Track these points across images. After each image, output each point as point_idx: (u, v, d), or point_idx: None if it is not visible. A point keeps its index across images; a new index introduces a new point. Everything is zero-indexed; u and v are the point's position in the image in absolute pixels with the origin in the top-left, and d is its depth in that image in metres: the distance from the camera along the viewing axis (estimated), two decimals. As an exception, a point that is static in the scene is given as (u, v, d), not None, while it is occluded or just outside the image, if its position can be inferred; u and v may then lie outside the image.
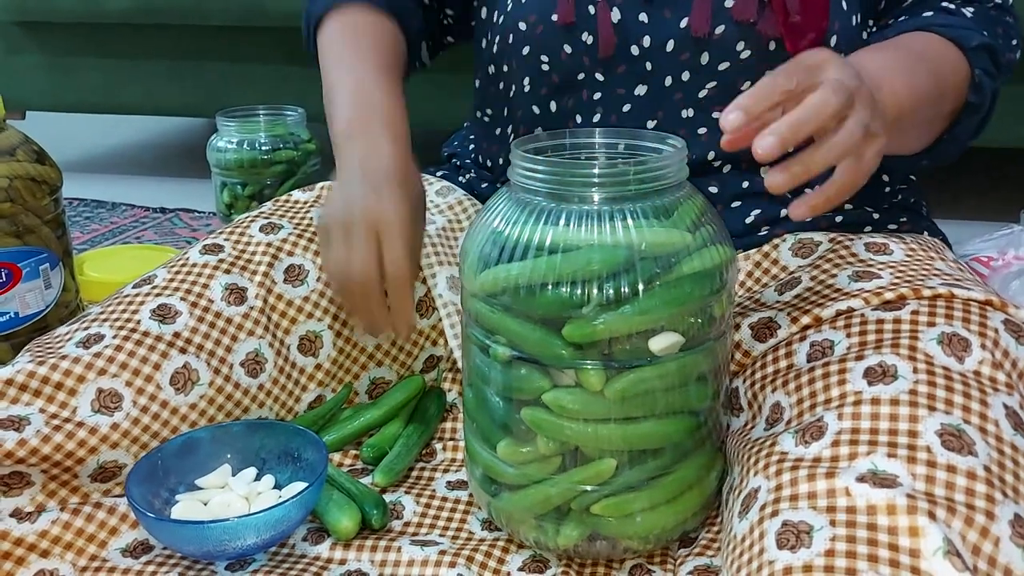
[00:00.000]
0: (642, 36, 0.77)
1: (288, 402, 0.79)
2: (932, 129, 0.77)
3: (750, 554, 0.54)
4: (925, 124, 0.75)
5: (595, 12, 0.77)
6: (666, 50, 0.76)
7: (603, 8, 0.77)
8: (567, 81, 0.81)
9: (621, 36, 0.77)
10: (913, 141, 0.76)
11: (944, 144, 0.77)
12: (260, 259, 0.80)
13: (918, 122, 0.73)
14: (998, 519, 0.52)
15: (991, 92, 0.76)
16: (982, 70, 0.74)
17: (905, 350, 0.61)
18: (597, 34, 0.77)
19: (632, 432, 0.61)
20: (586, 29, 0.78)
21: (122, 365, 0.70)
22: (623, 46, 0.77)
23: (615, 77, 0.79)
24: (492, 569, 0.66)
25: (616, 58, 0.78)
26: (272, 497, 0.69)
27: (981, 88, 0.74)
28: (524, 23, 0.82)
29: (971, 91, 0.74)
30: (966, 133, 0.77)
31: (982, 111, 0.76)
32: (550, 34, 0.80)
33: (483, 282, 0.61)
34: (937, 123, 0.76)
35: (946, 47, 0.74)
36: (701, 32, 0.75)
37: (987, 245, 1.13)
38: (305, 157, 1.43)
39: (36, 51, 1.86)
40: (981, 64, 0.74)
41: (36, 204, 0.96)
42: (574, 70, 0.80)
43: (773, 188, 0.56)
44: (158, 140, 2.34)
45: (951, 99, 0.74)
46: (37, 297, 0.97)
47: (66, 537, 0.65)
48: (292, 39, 1.71)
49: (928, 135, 0.77)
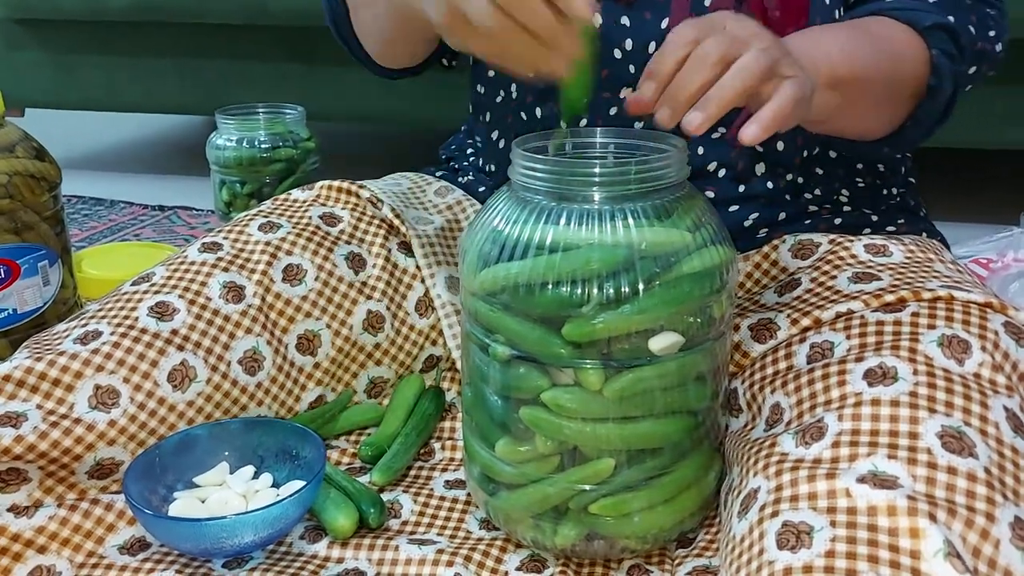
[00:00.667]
0: (623, 39, 0.77)
1: (288, 401, 0.78)
2: (892, 111, 0.75)
3: (749, 554, 0.54)
4: (879, 102, 0.72)
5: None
6: (648, 52, 0.76)
7: None
8: (551, 87, 0.81)
9: (603, 40, 0.77)
10: (869, 121, 0.74)
11: (908, 129, 0.76)
12: (259, 258, 0.80)
13: (868, 98, 0.70)
14: (998, 521, 0.52)
15: (952, 75, 0.73)
16: (940, 50, 0.72)
17: (905, 352, 0.61)
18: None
19: (630, 432, 0.61)
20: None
21: (120, 362, 0.70)
22: (605, 50, 0.77)
23: (600, 82, 0.79)
24: (490, 568, 0.65)
25: (599, 62, 0.77)
26: (270, 495, 0.69)
27: (939, 69, 0.72)
28: None
29: (930, 73, 0.72)
30: (929, 117, 0.75)
31: (943, 94, 0.74)
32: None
33: (483, 281, 0.61)
34: (897, 105, 0.74)
35: (897, 27, 0.73)
36: None
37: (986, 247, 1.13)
38: (304, 156, 1.42)
39: (36, 48, 1.86)
40: (939, 44, 0.72)
41: (35, 201, 0.96)
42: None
43: (691, 129, 0.55)
44: (157, 138, 2.34)
45: (910, 80, 0.72)
46: (35, 294, 0.97)
47: (63, 533, 0.65)
48: (293, 37, 1.71)
49: (886, 117, 0.75)
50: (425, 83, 1.63)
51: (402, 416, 0.81)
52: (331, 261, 0.83)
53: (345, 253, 0.84)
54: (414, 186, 0.96)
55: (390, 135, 2.28)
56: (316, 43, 1.69)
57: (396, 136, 2.26)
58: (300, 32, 1.69)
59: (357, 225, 0.86)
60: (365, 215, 0.87)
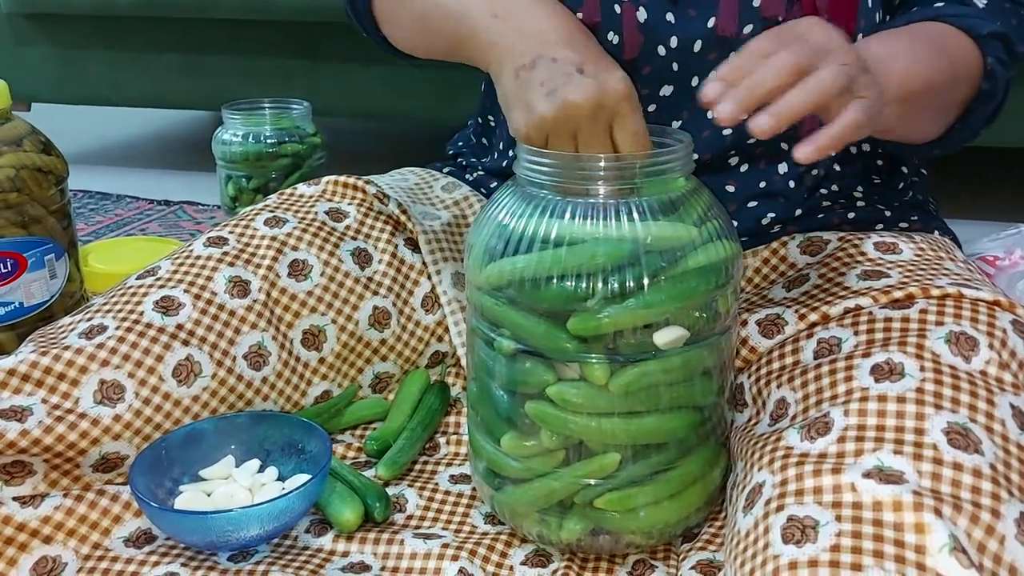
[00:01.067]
0: (669, 36, 0.75)
1: (293, 396, 0.78)
2: (945, 116, 0.75)
3: (754, 549, 0.54)
4: (937, 110, 0.74)
5: (621, 11, 0.76)
6: (693, 50, 0.75)
7: (629, 8, 0.75)
8: None
9: (647, 36, 0.76)
10: (926, 126, 0.75)
11: (956, 132, 0.76)
12: (264, 252, 0.80)
13: (929, 106, 0.71)
14: (1004, 517, 0.51)
15: (1004, 81, 0.74)
16: (995, 58, 0.73)
17: (912, 348, 0.61)
18: (623, 34, 0.76)
19: (636, 426, 0.61)
20: (611, 29, 0.77)
21: (125, 356, 0.70)
22: (649, 46, 0.76)
23: (641, 78, 0.78)
24: (495, 563, 0.66)
25: (642, 58, 0.77)
26: (275, 489, 0.69)
27: (994, 76, 0.73)
28: None
29: (984, 79, 0.73)
30: (978, 121, 0.76)
31: (995, 99, 0.75)
32: None
33: (488, 275, 0.61)
34: (950, 110, 0.75)
35: (956, 35, 0.73)
36: (728, 32, 0.74)
37: (994, 244, 1.12)
38: (311, 151, 1.42)
39: (44, 43, 1.86)
40: (994, 52, 0.73)
41: (42, 194, 0.96)
42: None
43: (757, 132, 0.54)
44: (163, 133, 2.34)
45: (964, 86, 0.73)
46: (42, 287, 0.97)
47: (69, 524, 0.65)
48: (299, 33, 1.71)
49: (941, 121, 0.76)
50: (429, 80, 1.64)
51: (407, 411, 0.81)
52: (337, 256, 0.83)
53: (351, 249, 0.84)
54: (421, 181, 0.96)
55: (396, 131, 2.28)
56: (322, 39, 1.68)
57: (402, 132, 2.26)
58: (306, 28, 1.69)
59: (363, 221, 0.86)
60: (372, 211, 0.87)
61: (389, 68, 1.64)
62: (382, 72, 1.65)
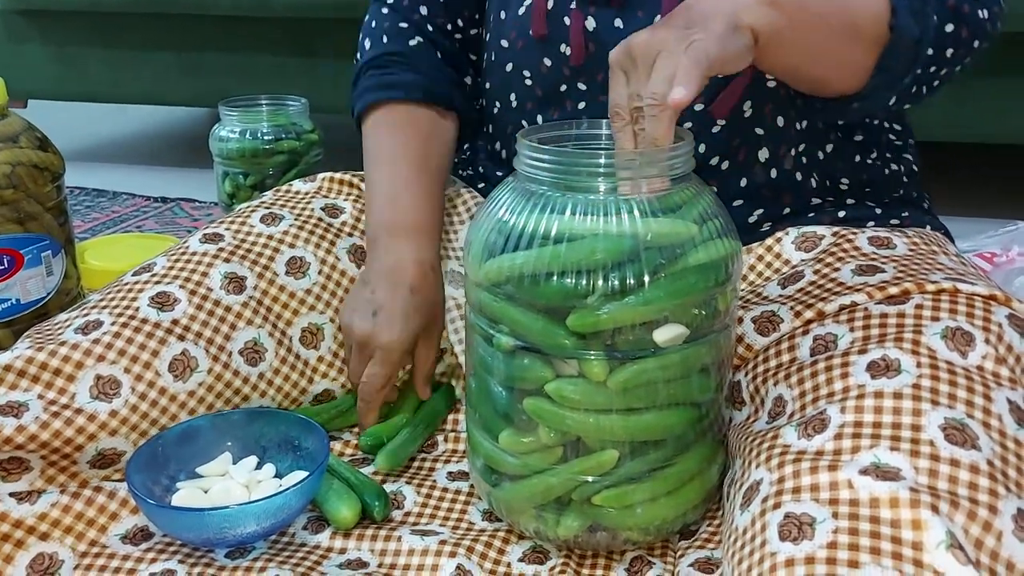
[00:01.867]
0: (618, 41, 0.76)
1: (292, 393, 0.78)
2: (853, 55, 0.69)
3: (752, 546, 0.54)
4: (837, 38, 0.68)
5: (569, 23, 0.76)
6: None
7: (576, 18, 0.77)
8: (550, 94, 0.81)
9: (597, 42, 0.76)
10: (830, 62, 0.69)
11: (874, 80, 0.70)
12: (261, 250, 0.80)
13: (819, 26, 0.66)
14: (1001, 513, 0.52)
15: (914, 14, 0.68)
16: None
17: (908, 344, 0.61)
18: (569, 43, 0.76)
19: (634, 423, 0.61)
20: (562, 40, 0.78)
21: (120, 352, 0.70)
22: (600, 53, 0.76)
23: (596, 85, 0.78)
24: (492, 559, 0.66)
25: (594, 66, 0.77)
26: (273, 485, 0.69)
27: (896, 9, 0.67)
28: (506, 40, 0.82)
29: (890, 14, 0.67)
30: (895, 66, 0.69)
31: (906, 38, 0.68)
32: (529, 49, 0.80)
33: (488, 271, 0.61)
34: (857, 48, 0.69)
35: None
36: None
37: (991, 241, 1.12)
38: (307, 147, 1.42)
39: (39, 40, 1.86)
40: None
41: (38, 191, 0.96)
42: (556, 82, 0.80)
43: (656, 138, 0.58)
44: (160, 130, 2.34)
45: (866, 18, 0.67)
46: (38, 284, 0.97)
47: (66, 520, 0.65)
48: (296, 30, 1.71)
49: (850, 61, 0.69)
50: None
51: (409, 411, 0.81)
52: (334, 254, 0.83)
53: (348, 246, 0.84)
54: (416, 178, 0.96)
55: (393, 128, 2.27)
56: (319, 36, 1.68)
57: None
58: (303, 25, 1.68)
59: (359, 217, 0.86)
60: (367, 207, 0.87)
61: (386, 65, 1.63)
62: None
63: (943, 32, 0.70)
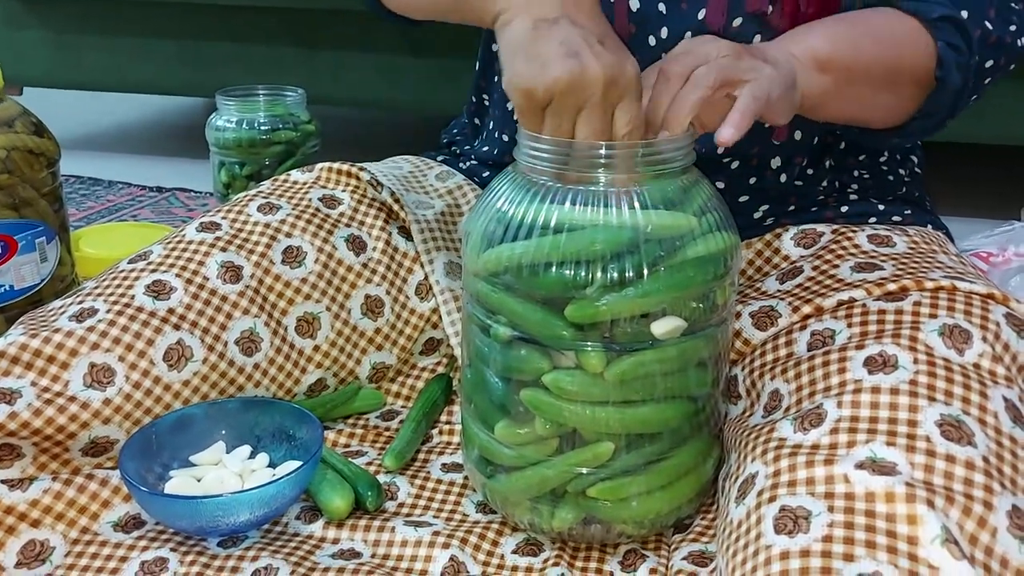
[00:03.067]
0: (660, 27, 0.75)
1: (287, 383, 0.78)
2: (896, 100, 0.73)
3: (747, 539, 0.54)
4: (881, 88, 0.71)
5: (613, 1, 0.76)
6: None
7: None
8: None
9: (639, 25, 0.76)
10: (872, 109, 0.73)
11: (915, 120, 0.74)
12: (257, 239, 0.80)
13: (864, 80, 0.69)
14: (996, 509, 0.52)
15: (958, 67, 0.71)
16: (945, 43, 0.71)
17: (906, 341, 0.61)
18: (614, 23, 0.75)
19: (630, 416, 0.60)
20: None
21: (115, 340, 0.70)
22: (640, 36, 0.76)
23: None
24: (486, 551, 0.65)
25: (633, 49, 0.76)
26: (266, 475, 0.68)
27: (943, 61, 0.70)
28: None
29: (935, 64, 0.71)
30: (937, 109, 0.73)
31: (950, 86, 0.72)
32: None
33: (486, 261, 0.61)
34: (900, 94, 0.72)
35: (900, 17, 0.71)
36: (717, 24, 0.74)
37: (987, 241, 1.12)
38: (304, 138, 1.42)
39: (36, 27, 1.85)
40: (944, 37, 0.71)
41: (34, 176, 0.95)
42: None
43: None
44: (157, 119, 2.33)
45: (910, 69, 0.71)
46: (33, 270, 0.97)
47: (57, 507, 0.65)
48: (295, 20, 1.70)
49: (891, 105, 0.73)
50: (423, 68, 1.63)
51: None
52: (331, 244, 0.82)
53: (345, 236, 0.83)
54: (415, 169, 0.95)
55: (390, 119, 2.27)
56: (318, 26, 1.68)
57: (396, 120, 2.25)
58: (302, 15, 1.68)
59: (357, 208, 0.86)
60: (365, 197, 0.87)
61: (384, 56, 1.63)
62: (377, 60, 1.64)
63: (983, 68, 0.73)
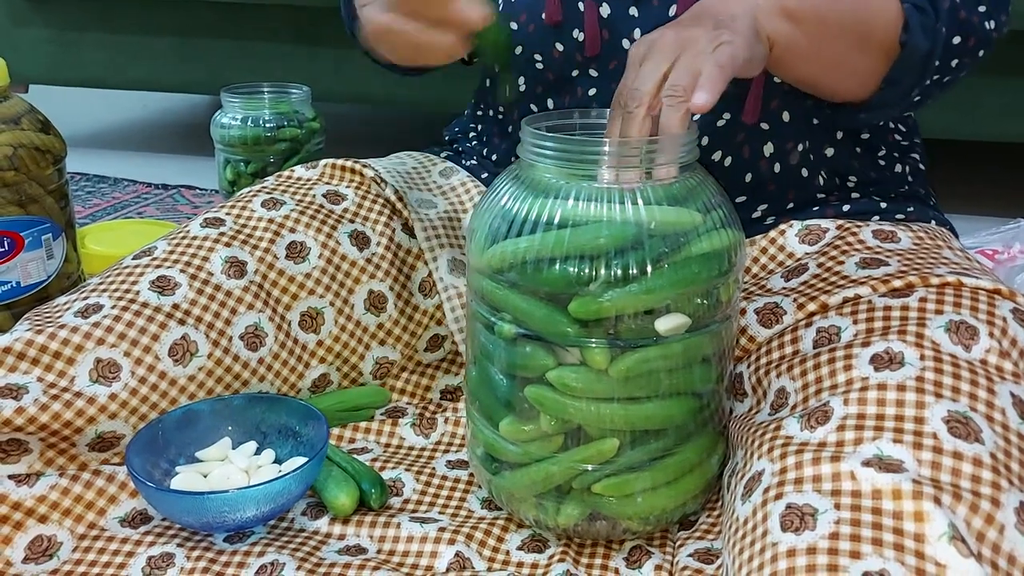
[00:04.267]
0: (632, 30, 0.76)
1: (291, 378, 0.78)
2: (864, 64, 0.70)
3: (753, 536, 0.54)
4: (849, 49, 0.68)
5: (583, 9, 0.76)
6: None
7: (590, 6, 0.76)
8: (562, 79, 0.81)
9: (611, 31, 0.76)
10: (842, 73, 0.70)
11: (883, 91, 0.71)
12: (261, 234, 0.80)
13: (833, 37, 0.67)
14: (1003, 506, 0.51)
15: (925, 29, 0.69)
16: (912, 5, 0.68)
17: (912, 337, 0.61)
18: (585, 29, 0.76)
19: (635, 412, 0.60)
20: (576, 26, 0.77)
21: (120, 335, 0.70)
22: (614, 41, 0.76)
23: (609, 72, 0.78)
24: (491, 547, 0.65)
25: (607, 54, 0.77)
26: (272, 471, 0.68)
27: (908, 24, 0.68)
28: (515, 23, 0.81)
29: (903, 31, 0.68)
30: (903, 76, 0.70)
31: (916, 51, 0.69)
32: (541, 33, 0.80)
33: (490, 257, 0.61)
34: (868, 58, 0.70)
35: None
36: None
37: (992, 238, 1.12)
38: (309, 136, 1.42)
39: (41, 25, 1.85)
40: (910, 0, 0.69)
41: (40, 173, 0.95)
42: (568, 68, 0.80)
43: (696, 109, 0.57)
44: (162, 116, 2.33)
45: (878, 30, 0.68)
46: (39, 267, 0.97)
47: (64, 503, 0.65)
48: (299, 17, 1.70)
49: (860, 71, 0.71)
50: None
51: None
52: (335, 239, 0.82)
53: (349, 231, 0.83)
54: (419, 166, 0.95)
55: (394, 117, 2.27)
56: (322, 24, 1.68)
57: (400, 118, 2.25)
58: (306, 12, 1.68)
59: (361, 204, 0.86)
60: (370, 194, 0.87)
61: (389, 54, 1.63)
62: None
63: (951, 44, 0.70)
